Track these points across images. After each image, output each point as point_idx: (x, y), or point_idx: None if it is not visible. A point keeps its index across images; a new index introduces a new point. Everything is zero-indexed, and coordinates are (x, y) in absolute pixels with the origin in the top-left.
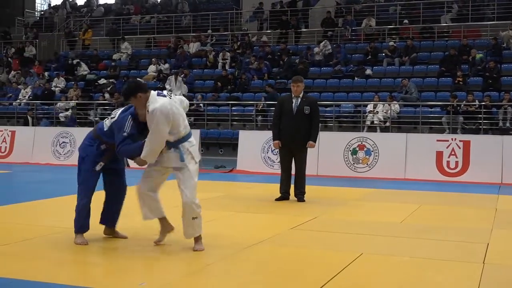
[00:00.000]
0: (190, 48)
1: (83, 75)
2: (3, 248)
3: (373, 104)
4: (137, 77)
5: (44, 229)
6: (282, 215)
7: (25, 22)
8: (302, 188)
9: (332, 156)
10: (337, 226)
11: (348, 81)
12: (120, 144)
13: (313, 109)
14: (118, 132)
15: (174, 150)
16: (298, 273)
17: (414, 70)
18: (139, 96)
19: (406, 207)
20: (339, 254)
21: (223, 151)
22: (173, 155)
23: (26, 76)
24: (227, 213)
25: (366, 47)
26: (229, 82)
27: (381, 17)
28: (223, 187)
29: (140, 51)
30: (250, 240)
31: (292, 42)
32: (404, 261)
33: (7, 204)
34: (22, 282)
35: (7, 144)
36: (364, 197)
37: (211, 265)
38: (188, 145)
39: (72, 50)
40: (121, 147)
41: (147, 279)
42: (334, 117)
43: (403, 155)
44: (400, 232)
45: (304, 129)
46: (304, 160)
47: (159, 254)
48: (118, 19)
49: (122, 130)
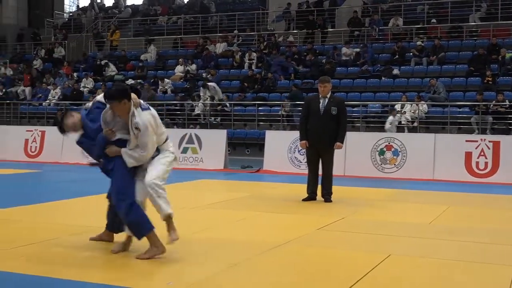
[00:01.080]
0: (216, 48)
1: (111, 75)
2: (33, 246)
3: (401, 104)
4: (164, 78)
5: (73, 228)
6: (309, 215)
7: (54, 24)
8: (329, 188)
9: (359, 157)
10: (365, 227)
11: (375, 81)
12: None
13: (341, 110)
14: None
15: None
16: (326, 273)
17: (442, 70)
18: (124, 102)
19: (435, 208)
20: (367, 255)
21: (250, 151)
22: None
23: (55, 76)
24: (254, 213)
25: (393, 47)
26: (256, 82)
27: (408, 17)
28: (250, 187)
29: (167, 51)
30: (277, 240)
31: (318, 42)
32: (432, 263)
33: (37, 203)
34: (52, 280)
35: (37, 144)
36: (392, 198)
37: (238, 265)
38: (166, 146)
39: (100, 51)
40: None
41: (174, 278)
42: (361, 117)
43: (431, 155)
44: (429, 233)
45: (331, 129)
46: (331, 160)
47: (186, 254)
48: (145, 20)
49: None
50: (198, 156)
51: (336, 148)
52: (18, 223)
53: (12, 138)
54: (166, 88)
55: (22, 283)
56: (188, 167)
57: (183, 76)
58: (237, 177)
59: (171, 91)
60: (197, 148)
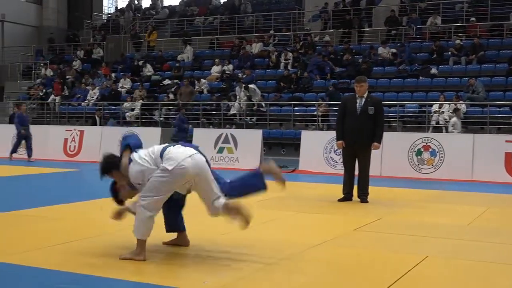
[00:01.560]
0: (252, 48)
1: (148, 76)
2: (72, 244)
3: (439, 104)
4: (200, 78)
5: (111, 226)
6: (345, 215)
7: (93, 25)
8: (365, 189)
9: (396, 157)
10: (402, 228)
11: (413, 80)
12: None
13: (378, 110)
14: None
15: None
16: (362, 274)
17: (481, 69)
18: (113, 173)
19: (473, 209)
20: (403, 256)
21: (285, 151)
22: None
23: (94, 77)
24: (289, 213)
25: (431, 46)
26: (292, 82)
27: (447, 15)
28: (286, 187)
29: (204, 52)
30: (313, 241)
31: (355, 41)
32: (470, 265)
33: (76, 201)
34: (91, 277)
35: (76, 143)
36: (429, 199)
37: (273, 265)
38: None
39: (137, 51)
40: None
41: (210, 277)
42: (398, 117)
43: (470, 156)
44: (467, 235)
45: (368, 129)
46: (367, 160)
47: (221, 254)
48: (182, 20)
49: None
50: (234, 156)
51: (373, 148)
52: (57, 221)
53: (51, 138)
54: (202, 88)
55: (60, 280)
56: (224, 166)
57: (219, 76)
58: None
59: (207, 91)
60: (233, 148)
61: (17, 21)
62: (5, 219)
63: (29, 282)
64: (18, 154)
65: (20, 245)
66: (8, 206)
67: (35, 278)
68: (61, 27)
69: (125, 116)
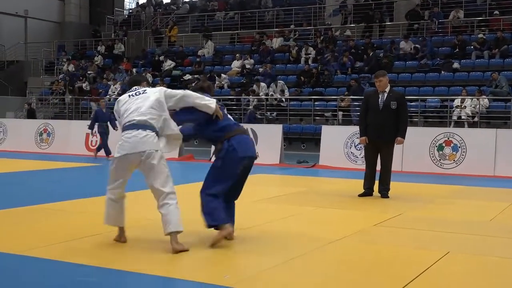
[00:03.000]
0: (273, 43)
1: (169, 70)
2: (93, 238)
3: (461, 98)
4: (221, 73)
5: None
6: (366, 211)
7: (114, 21)
8: (387, 184)
9: (418, 152)
10: (423, 223)
11: (435, 75)
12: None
13: (400, 104)
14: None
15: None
16: (382, 270)
17: (504, 63)
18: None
19: (496, 205)
20: (425, 252)
21: (306, 146)
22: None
23: (115, 72)
24: (309, 208)
25: (454, 40)
26: (312, 77)
27: (469, 9)
28: (306, 182)
29: (224, 47)
30: (333, 236)
31: (376, 36)
32: (493, 261)
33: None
34: (110, 270)
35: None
36: (451, 195)
37: (293, 260)
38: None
39: (158, 46)
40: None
41: (230, 272)
42: (420, 112)
43: (493, 151)
44: (489, 231)
45: (391, 124)
46: (390, 156)
47: (242, 248)
48: (202, 15)
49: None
50: None
51: (397, 143)
52: (81, 215)
53: (74, 133)
54: (222, 83)
55: (83, 274)
56: None
57: (240, 71)
58: (292, 172)
59: (227, 86)
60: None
61: (40, 17)
62: (27, 213)
63: (53, 275)
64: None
65: (42, 239)
66: (30, 201)
67: (59, 272)
68: (83, 23)
69: None
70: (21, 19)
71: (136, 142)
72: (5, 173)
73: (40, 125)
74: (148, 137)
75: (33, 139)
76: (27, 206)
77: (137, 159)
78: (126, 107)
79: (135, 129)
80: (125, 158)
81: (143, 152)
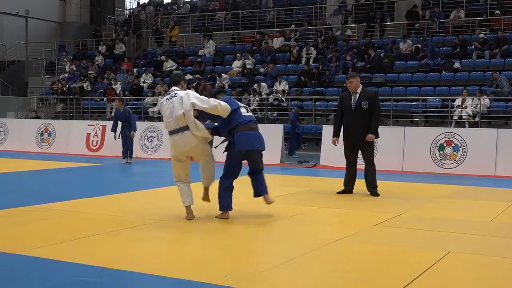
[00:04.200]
0: (274, 43)
1: (170, 71)
2: (95, 237)
3: (462, 98)
4: (222, 73)
5: (134, 220)
6: (366, 211)
7: (115, 20)
8: (373, 181)
9: (418, 152)
10: (423, 223)
11: (435, 75)
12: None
13: (372, 103)
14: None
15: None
16: (383, 270)
17: (505, 63)
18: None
19: (496, 205)
20: (425, 252)
21: (306, 146)
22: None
23: (116, 72)
24: (310, 208)
25: (454, 40)
26: (313, 77)
27: (470, 8)
28: (306, 182)
29: (225, 47)
30: (333, 236)
31: (377, 35)
32: (493, 261)
33: (100, 195)
34: (110, 270)
35: (99, 138)
36: (451, 194)
37: (294, 260)
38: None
39: (159, 47)
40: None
41: (231, 272)
42: (421, 112)
43: (493, 151)
44: (490, 231)
45: (365, 123)
46: (371, 154)
47: (242, 248)
48: (203, 15)
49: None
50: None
51: (367, 139)
52: (80, 215)
53: (74, 133)
54: (223, 83)
55: (83, 274)
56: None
57: (240, 71)
58: (293, 172)
59: (228, 86)
60: None
61: (41, 17)
62: (27, 213)
63: (54, 275)
64: (41, 149)
65: (42, 239)
66: (30, 201)
67: (60, 271)
68: (83, 23)
69: (147, 111)
70: (22, 19)
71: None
72: (6, 173)
73: (41, 125)
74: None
75: (34, 139)
76: (27, 206)
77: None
78: (164, 111)
79: (175, 133)
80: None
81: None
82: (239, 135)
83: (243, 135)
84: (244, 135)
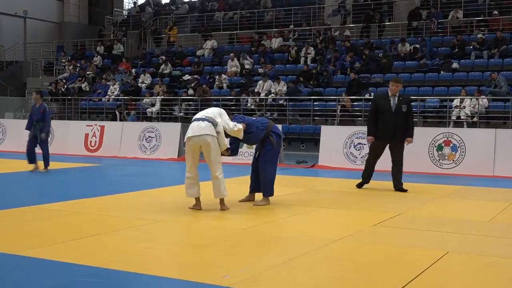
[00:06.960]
0: (272, 43)
1: (168, 71)
2: (93, 238)
3: (460, 98)
4: (220, 73)
5: (133, 220)
6: (365, 211)
7: (113, 21)
8: (400, 178)
9: (417, 152)
10: (422, 223)
11: (434, 75)
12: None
13: (409, 107)
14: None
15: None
16: (382, 270)
17: (504, 63)
18: None
19: (495, 205)
20: (424, 252)
21: (305, 146)
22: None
23: (114, 73)
24: (308, 208)
25: (453, 40)
26: (312, 77)
27: (469, 9)
28: (305, 182)
29: (223, 47)
30: (333, 236)
31: (375, 36)
32: (492, 261)
33: (98, 196)
34: (110, 270)
35: (97, 138)
36: (450, 194)
37: (293, 260)
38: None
39: (158, 47)
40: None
41: (230, 272)
42: (419, 112)
43: (492, 151)
44: (489, 231)
45: (402, 125)
46: (402, 153)
47: (241, 248)
48: (201, 16)
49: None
50: (253, 151)
51: (407, 143)
52: (80, 215)
53: (73, 133)
54: (222, 84)
55: (83, 274)
56: (244, 161)
57: (237, 71)
58: (292, 172)
59: (226, 87)
60: None
61: (39, 18)
62: (27, 213)
63: (53, 275)
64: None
65: (42, 239)
66: (30, 201)
67: (58, 272)
68: (82, 23)
69: (146, 112)
70: (20, 20)
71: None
72: (5, 173)
73: None
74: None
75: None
76: (27, 206)
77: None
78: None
79: (196, 121)
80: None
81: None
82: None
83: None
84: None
